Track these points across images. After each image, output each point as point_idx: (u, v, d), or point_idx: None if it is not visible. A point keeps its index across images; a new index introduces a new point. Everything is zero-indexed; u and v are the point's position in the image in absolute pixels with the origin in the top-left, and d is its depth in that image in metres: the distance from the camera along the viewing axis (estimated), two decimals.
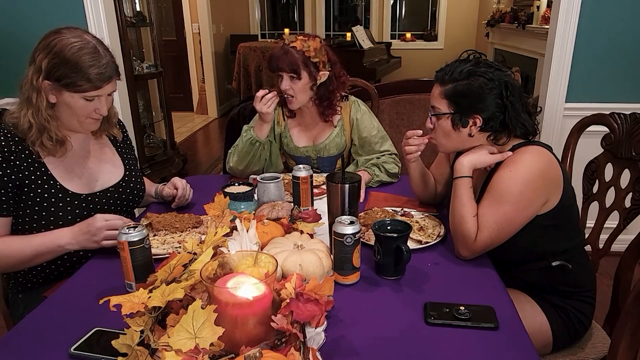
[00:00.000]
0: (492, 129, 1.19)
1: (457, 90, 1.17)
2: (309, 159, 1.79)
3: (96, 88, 1.16)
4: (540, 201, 1.14)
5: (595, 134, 1.44)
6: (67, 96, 1.16)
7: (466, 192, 1.17)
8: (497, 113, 1.17)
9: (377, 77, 5.73)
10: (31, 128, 1.16)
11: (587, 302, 1.24)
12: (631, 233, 1.30)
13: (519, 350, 0.84)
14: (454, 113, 1.19)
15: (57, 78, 1.14)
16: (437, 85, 1.21)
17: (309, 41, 1.59)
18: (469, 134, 1.20)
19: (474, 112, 1.17)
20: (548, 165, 1.14)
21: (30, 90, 1.15)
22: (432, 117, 1.23)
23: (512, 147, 1.19)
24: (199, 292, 0.85)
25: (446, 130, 1.21)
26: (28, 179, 1.18)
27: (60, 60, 1.13)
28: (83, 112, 1.19)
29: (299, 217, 1.22)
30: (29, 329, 0.93)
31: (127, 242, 0.98)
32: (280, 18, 7.88)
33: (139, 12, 3.52)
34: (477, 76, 1.16)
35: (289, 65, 1.57)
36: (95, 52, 1.16)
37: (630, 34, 2.28)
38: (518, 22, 5.04)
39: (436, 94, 1.21)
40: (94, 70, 1.14)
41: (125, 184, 1.37)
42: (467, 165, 1.19)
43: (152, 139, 3.71)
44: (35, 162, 1.19)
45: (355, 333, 0.88)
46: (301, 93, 1.62)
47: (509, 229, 1.13)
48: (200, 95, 6.34)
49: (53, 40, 1.15)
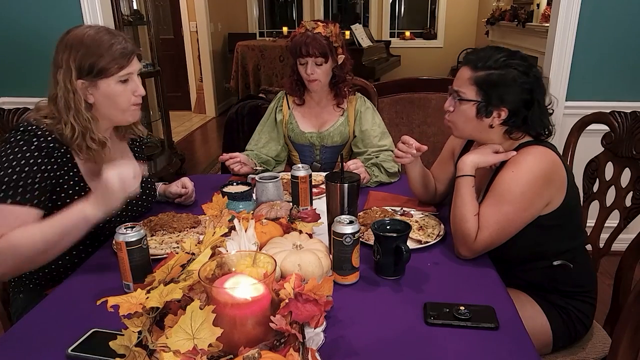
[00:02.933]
0: (513, 124, 1.16)
1: (490, 79, 1.13)
2: (312, 148, 1.82)
3: (125, 65, 1.17)
4: (542, 202, 1.13)
5: (596, 132, 1.44)
6: (103, 86, 1.16)
7: (468, 191, 1.16)
8: (523, 109, 1.14)
9: (376, 76, 5.73)
10: (75, 132, 1.15)
11: (588, 303, 1.24)
12: (632, 232, 1.30)
13: (519, 351, 0.84)
14: (481, 102, 1.14)
15: (88, 70, 1.14)
16: (468, 69, 1.15)
17: (329, 26, 1.68)
18: (490, 125, 1.16)
19: (502, 104, 1.14)
20: (551, 167, 1.13)
21: (66, 94, 1.15)
22: (456, 100, 1.18)
23: (519, 145, 1.18)
24: (197, 292, 0.84)
25: (468, 117, 1.17)
26: (62, 178, 1.18)
27: (84, 50, 1.13)
28: (123, 98, 1.19)
29: (298, 216, 1.22)
30: (26, 330, 0.92)
31: (124, 243, 0.97)
32: (279, 16, 7.87)
33: (136, 11, 3.50)
34: (512, 68, 1.12)
35: (319, 50, 1.64)
36: (109, 32, 1.18)
37: (630, 32, 2.28)
38: (518, 20, 5.04)
39: (465, 77, 1.16)
40: (116, 47, 1.15)
41: (141, 191, 1.36)
42: (470, 164, 1.18)
43: (149, 139, 3.69)
44: (69, 162, 1.19)
45: (355, 333, 0.87)
46: (325, 76, 1.70)
47: (510, 229, 1.13)
48: (198, 94, 6.32)
49: (68, 38, 1.15)
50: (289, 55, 1.74)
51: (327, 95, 1.79)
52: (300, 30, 1.68)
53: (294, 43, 1.67)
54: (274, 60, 5.63)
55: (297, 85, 1.77)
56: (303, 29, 1.67)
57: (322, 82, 1.71)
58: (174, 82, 6.13)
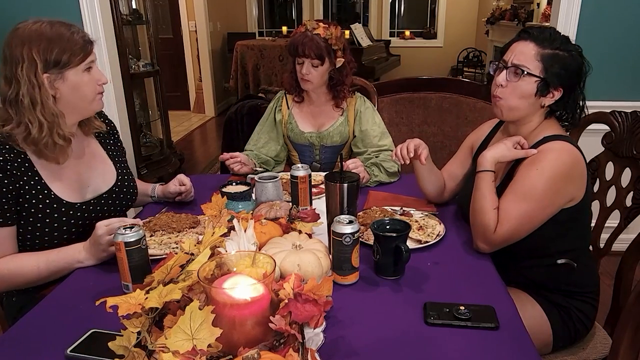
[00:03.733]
0: (557, 107, 1.18)
1: (557, 58, 1.14)
2: (312, 148, 1.82)
3: (89, 52, 1.17)
4: (564, 199, 1.15)
5: (596, 132, 1.43)
6: (71, 76, 1.15)
7: (488, 185, 1.18)
8: (571, 95, 1.17)
9: (376, 76, 5.73)
10: (42, 129, 1.13)
11: (590, 304, 1.23)
12: (632, 232, 1.30)
13: (520, 350, 0.84)
14: (544, 79, 1.15)
15: (54, 62, 1.12)
16: (534, 44, 1.15)
17: (330, 28, 1.66)
18: (542, 104, 1.18)
19: (560, 85, 1.15)
20: (574, 164, 1.14)
21: (31, 89, 1.11)
22: (517, 74, 1.15)
23: (543, 139, 1.17)
24: (196, 293, 0.84)
25: (525, 93, 1.16)
26: (23, 188, 1.16)
27: (45, 43, 1.11)
28: (90, 87, 1.18)
29: (298, 216, 1.22)
30: (24, 330, 0.92)
31: (123, 243, 0.97)
32: (278, 16, 7.87)
33: (135, 10, 3.50)
34: (574, 52, 1.15)
35: (315, 51, 1.63)
36: (64, 23, 1.17)
37: (631, 32, 2.28)
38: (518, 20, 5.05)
39: (530, 53, 1.15)
40: (77, 35, 1.15)
41: (118, 189, 1.36)
42: (491, 159, 1.19)
43: (148, 138, 3.70)
44: (28, 171, 1.17)
45: (355, 333, 0.87)
46: (319, 78, 1.70)
47: (529, 225, 1.14)
48: (197, 94, 6.32)
49: (19, 32, 1.12)
50: (288, 53, 1.73)
51: (325, 96, 1.78)
52: (301, 30, 1.67)
53: (292, 42, 1.67)
54: (273, 59, 5.63)
55: (296, 83, 1.76)
56: (303, 28, 1.67)
57: (315, 83, 1.70)
58: (173, 81, 6.12)
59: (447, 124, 2.26)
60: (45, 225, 1.19)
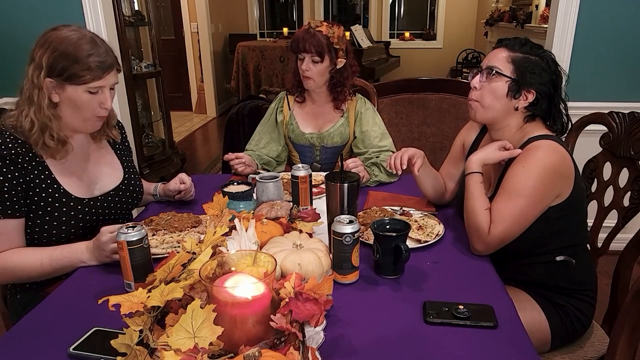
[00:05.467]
0: (535, 111, 1.21)
1: (528, 60, 1.18)
2: (312, 148, 1.83)
3: (98, 78, 1.15)
4: (552, 196, 1.16)
5: (594, 133, 1.44)
6: (70, 91, 1.15)
7: (477, 187, 1.20)
8: (546, 97, 1.19)
9: (375, 77, 5.74)
10: (33, 127, 1.15)
11: (587, 302, 1.24)
12: (630, 232, 1.30)
13: (518, 349, 0.84)
14: (515, 79, 1.18)
15: (58, 72, 1.13)
16: (505, 50, 1.21)
17: (333, 28, 1.68)
18: (516, 107, 1.20)
19: (531, 87, 1.18)
20: (560, 161, 1.15)
21: (31, 88, 1.14)
22: (489, 76, 1.20)
23: (528, 140, 1.19)
24: (198, 291, 0.85)
25: (498, 94, 1.20)
26: (33, 181, 1.17)
27: (60, 53, 1.12)
28: (88, 108, 1.17)
29: (298, 216, 1.22)
30: (28, 328, 0.93)
31: (125, 242, 0.98)
32: (279, 17, 7.87)
33: (138, 12, 3.51)
34: (546, 57, 1.20)
35: (315, 47, 1.65)
36: (93, 42, 1.16)
37: (628, 33, 2.29)
38: (517, 21, 5.04)
39: (502, 57, 1.20)
40: (94, 58, 1.14)
41: (124, 187, 1.37)
42: (476, 162, 1.22)
43: (150, 139, 3.70)
44: (39, 165, 1.18)
45: (355, 332, 0.88)
46: (319, 76, 1.70)
47: (524, 222, 1.15)
48: (199, 95, 6.33)
49: (50, 35, 1.14)
50: (290, 52, 1.75)
51: (326, 96, 1.79)
52: (304, 27, 1.70)
53: (295, 38, 1.69)
54: (274, 60, 5.64)
55: (298, 82, 1.77)
56: (307, 26, 1.69)
57: (316, 81, 1.71)
58: (175, 82, 6.13)
59: (446, 124, 2.26)
60: (53, 219, 1.20)
